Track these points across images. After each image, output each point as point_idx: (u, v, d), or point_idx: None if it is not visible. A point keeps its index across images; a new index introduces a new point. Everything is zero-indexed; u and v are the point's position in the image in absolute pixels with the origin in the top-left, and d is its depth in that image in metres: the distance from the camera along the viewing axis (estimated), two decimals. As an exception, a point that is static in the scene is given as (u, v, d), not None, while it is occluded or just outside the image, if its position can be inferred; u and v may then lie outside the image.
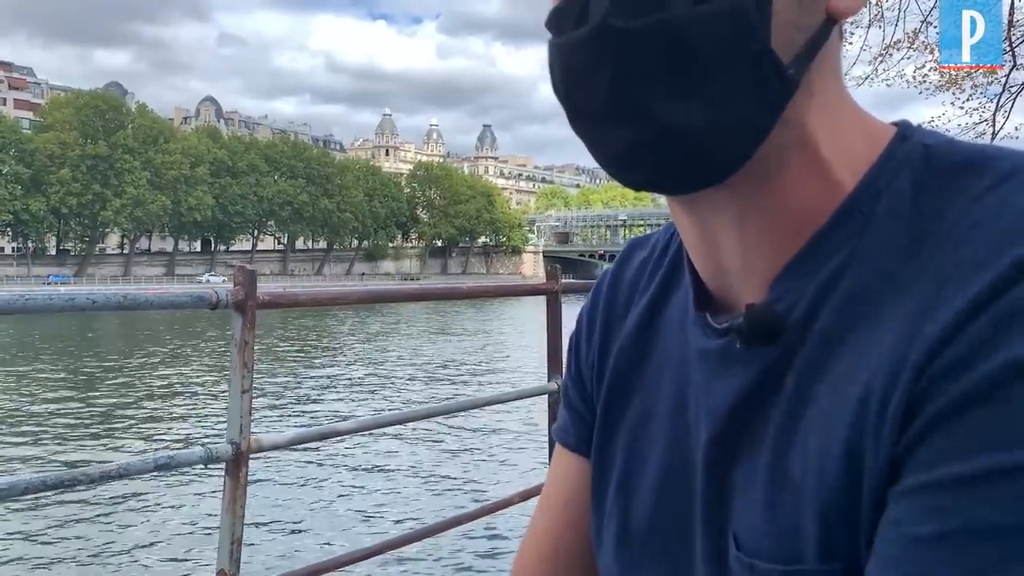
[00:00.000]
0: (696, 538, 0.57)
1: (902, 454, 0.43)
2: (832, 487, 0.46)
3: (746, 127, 0.49)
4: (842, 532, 0.46)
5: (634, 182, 0.52)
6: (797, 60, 0.49)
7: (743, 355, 0.54)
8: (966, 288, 0.43)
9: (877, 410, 0.45)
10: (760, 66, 0.47)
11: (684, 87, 0.47)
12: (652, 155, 0.50)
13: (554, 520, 0.74)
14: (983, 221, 0.45)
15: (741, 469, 0.54)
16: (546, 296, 3.48)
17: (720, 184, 0.51)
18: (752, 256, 0.54)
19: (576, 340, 0.75)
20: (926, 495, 0.41)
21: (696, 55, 0.47)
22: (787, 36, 0.48)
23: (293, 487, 11.71)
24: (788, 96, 0.49)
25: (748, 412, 0.54)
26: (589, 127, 0.52)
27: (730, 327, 0.55)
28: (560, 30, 0.52)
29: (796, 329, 0.51)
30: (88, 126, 75.96)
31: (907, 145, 0.52)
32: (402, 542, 3.02)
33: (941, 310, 0.43)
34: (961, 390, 0.41)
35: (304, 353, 30.96)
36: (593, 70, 0.49)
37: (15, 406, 19.26)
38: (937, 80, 9.65)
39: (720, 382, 0.56)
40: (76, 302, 2.00)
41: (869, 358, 0.46)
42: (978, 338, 0.41)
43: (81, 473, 2.07)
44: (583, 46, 0.49)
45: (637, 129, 0.49)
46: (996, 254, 0.43)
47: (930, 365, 0.43)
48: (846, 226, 0.51)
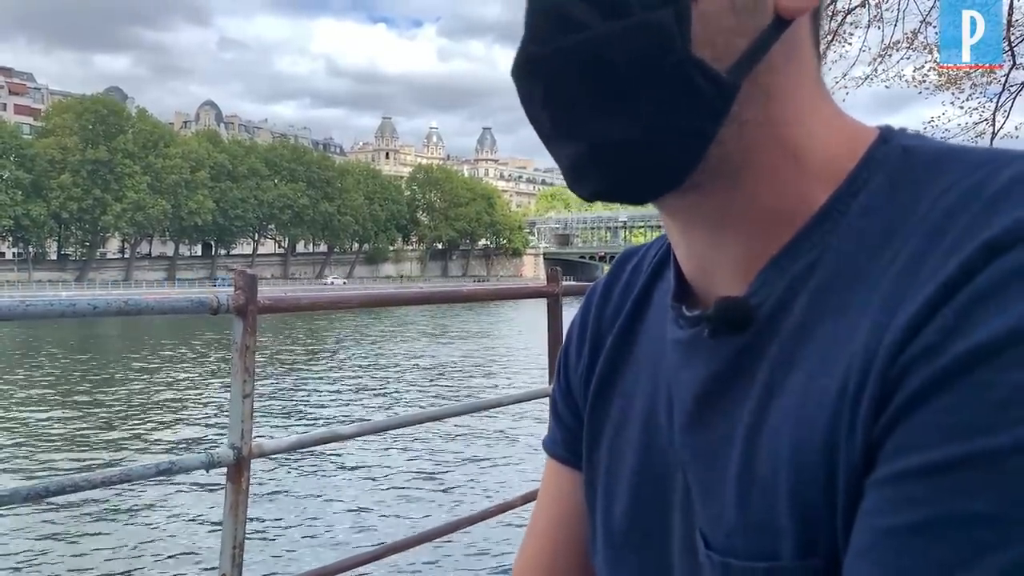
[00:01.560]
0: (674, 533, 0.58)
1: (875, 444, 0.43)
2: (808, 481, 0.46)
3: (686, 135, 0.49)
4: (820, 527, 0.46)
5: (584, 193, 0.54)
6: (737, 65, 0.49)
7: (710, 344, 0.55)
8: (936, 274, 0.43)
9: (851, 400, 0.44)
10: (685, 75, 0.48)
11: (610, 103, 0.48)
12: (595, 168, 0.51)
13: (547, 537, 0.74)
14: (953, 210, 0.45)
15: (708, 462, 0.54)
16: (547, 299, 3.49)
17: (682, 188, 0.51)
18: (730, 255, 0.55)
19: (565, 351, 0.75)
20: (897, 485, 0.41)
21: (616, 71, 0.48)
22: (723, 42, 0.48)
23: (295, 491, 11.71)
24: (728, 101, 0.49)
25: (714, 402, 0.54)
26: (544, 144, 0.54)
27: (700, 316, 0.56)
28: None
29: (766, 321, 0.52)
30: (89, 131, 75.97)
31: (887, 147, 0.53)
32: (404, 546, 3.01)
33: (912, 297, 0.43)
34: (929, 376, 0.40)
35: (305, 357, 30.96)
36: (528, 95, 0.52)
37: (16, 412, 19.26)
38: (936, 80, 9.66)
39: (687, 371, 0.57)
40: (78, 308, 2.00)
41: (841, 350, 0.46)
42: (947, 323, 0.41)
43: (83, 479, 2.07)
44: (516, 75, 0.52)
45: (575, 146, 0.51)
46: (967, 240, 0.43)
47: (901, 353, 0.42)
48: (823, 225, 0.51)
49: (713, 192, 0.52)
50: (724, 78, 0.48)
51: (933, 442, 0.40)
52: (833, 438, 0.45)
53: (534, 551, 0.74)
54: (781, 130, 0.52)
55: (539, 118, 0.52)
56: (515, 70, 0.52)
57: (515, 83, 0.53)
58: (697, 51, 0.47)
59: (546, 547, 0.73)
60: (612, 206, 75.90)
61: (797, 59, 0.52)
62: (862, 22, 9.43)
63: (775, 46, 0.50)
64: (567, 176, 0.53)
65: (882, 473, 0.42)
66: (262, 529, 9.70)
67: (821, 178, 0.52)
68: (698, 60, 0.48)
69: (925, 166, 0.50)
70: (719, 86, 0.48)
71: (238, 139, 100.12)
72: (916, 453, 0.40)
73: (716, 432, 0.54)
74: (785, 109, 0.52)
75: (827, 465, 0.45)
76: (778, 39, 0.50)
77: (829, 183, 0.52)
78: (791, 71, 0.52)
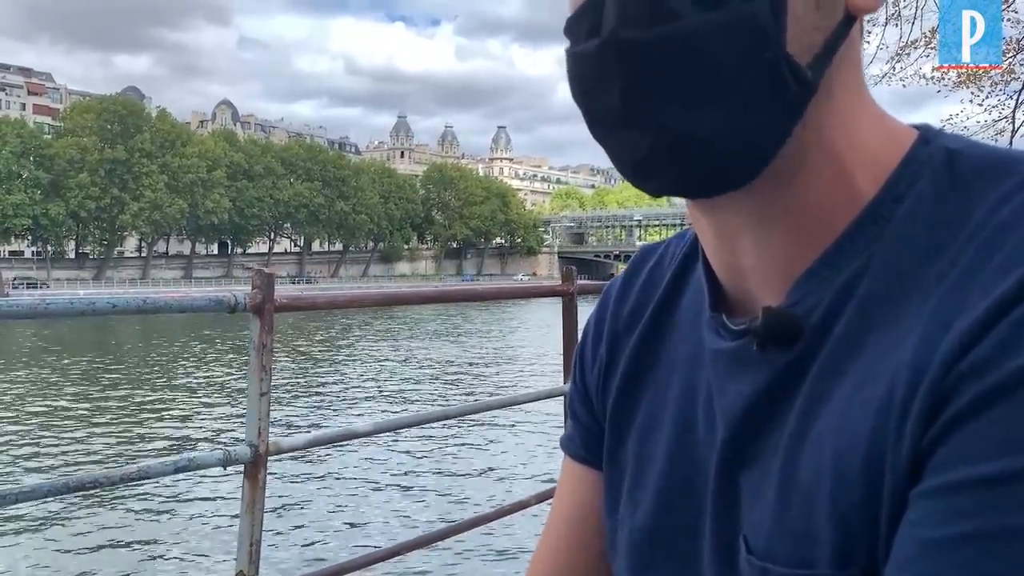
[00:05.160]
0: (705, 539, 0.57)
1: (923, 455, 0.42)
2: (851, 491, 0.45)
3: (765, 132, 0.48)
4: (860, 538, 0.45)
5: (652, 189, 0.52)
6: (816, 61, 0.48)
7: (759, 357, 0.53)
8: (994, 289, 0.42)
9: (899, 411, 0.44)
10: (777, 71, 0.47)
11: (698, 96, 0.47)
12: (669, 163, 0.49)
13: (564, 537, 0.73)
14: (1011, 223, 0.44)
15: (753, 472, 0.53)
16: (561, 298, 3.49)
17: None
18: (770, 258, 0.54)
19: (582, 351, 0.74)
20: (945, 497, 0.40)
21: (709, 64, 0.46)
22: (805, 38, 0.48)
23: (311, 489, 11.77)
24: (807, 99, 0.48)
25: (762, 415, 0.53)
26: (605, 134, 0.52)
27: (747, 328, 0.54)
28: (575, 39, 0.52)
29: (814, 333, 0.51)
30: (107, 131, 76.71)
31: (929, 148, 0.52)
32: (420, 543, 3.02)
33: (968, 310, 0.42)
34: (983, 389, 0.40)
35: (321, 355, 31.09)
36: (606, 81, 0.49)
37: (35, 410, 19.45)
38: (956, 77, 9.57)
39: (734, 384, 0.55)
40: (97, 306, 2.01)
41: (890, 360, 0.45)
42: (1004, 337, 0.40)
43: (103, 475, 2.10)
44: (595, 57, 0.49)
45: (652, 138, 0.49)
46: (1023, 255, 0.42)
47: (956, 364, 0.41)
48: (867, 231, 0.50)
49: (761, 193, 0.51)
50: (808, 75, 0.48)
51: (985, 455, 0.39)
52: (878, 448, 0.44)
53: (551, 549, 0.74)
54: (835, 130, 0.51)
55: (610, 107, 0.49)
56: (596, 54, 0.49)
57: (585, 68, 0.50)
58: (789, 47, 0.47)
59: (563, 545, 0.73)
60: (626, 204, 74.93)
61: (851, 57, 0.52)
62: (879, 20, 9.36)
63: (842, 44, 0.50)
64: (633, 170, 0.51)
65: (930, 484, 0.41)
66: (279, 526, 9.76)
67: (864, 179, 0.51)
68: (789, 57, 0.47)
69: (976, 173, 0.49)
70: (802, 83, 0.47)
71: (254, 138, 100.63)
72: (967, 465, 0.39)
73: (766, 442, 0.53)
74: (840, 108, 0.51)
75: (870, 475, 0.44)
76: (846, 37, 0.50)
77: (871, 184, 0.51)
78: (846, 69, 0.51)
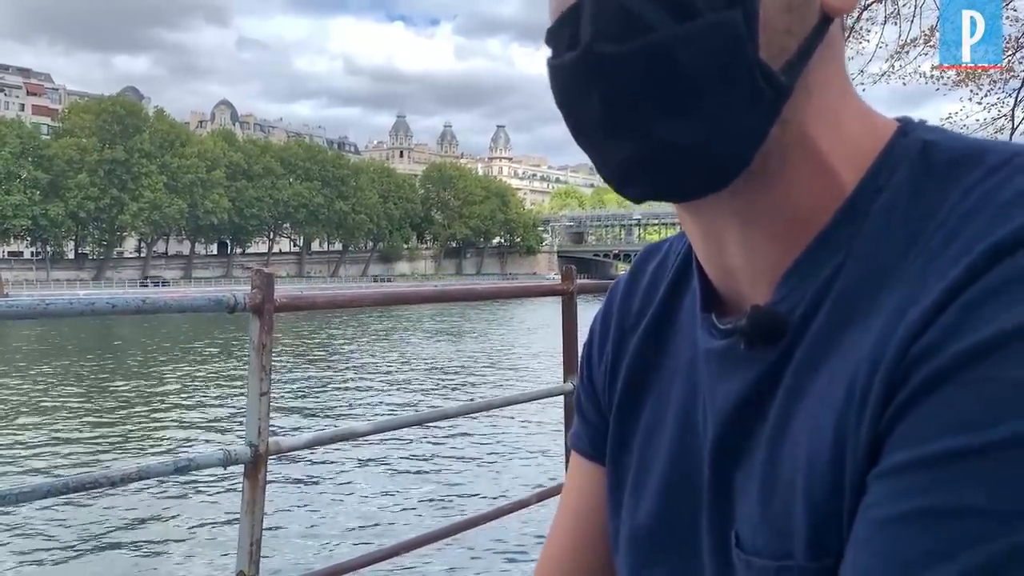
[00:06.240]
0: (703, 536, 0.58)
1: (879, 440, 0.43)
2: (819, 481, 0.47)
3: (742, 136, 0.49)
4: (830, 528, 0.46)
5: (633, 194, 0.53)
6: (789, 65, 0.49)
7: (746, 356, 0.54)
8: (945, 276, 0.43)
9: (859, 400, 0.45)
10: (751, 78, 0.47)
11: (676, 105, 0.48)
12: (650, 170, 0.50)
13: (572, 532, 0.74)
14: (972, 212, 0.46)
15: (742, 468, 0.55)
16: (561, 297, 3.49)
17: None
18: (757, 257, 0.55)
19: (588, 349, 0.75)
20: (893, 478, 0.42)
21: (685, 73, 0.47)
22: (778, 43, 0.48)
23: (312, 488, 11.77)
24: (782, 102, 0.49)
25: (750, 412, 0.54)
26: (588, 144, 0.53)
27: (734, 328, 0.55)
28: (556, 50, 0.52)
29: (796, 329, 0.52)
30: (106, 131, 76.59)
31: (906, 140, 0.52)
32: (420, 543, 3.02)
33: (922, 299, 0.44)
34: (931, 372, 0.41)
35: (321, 355, 31.08)
36: (585, 92, 0.50)
37: (34, 410, 19.45)
38: (955, 76, 9.57)
39: (724, 383, 0.56)
40: (96, 306, 2.01)
41: (857, 351, 0.47)
42: (952, 321, 0.42)
43: (102, 475, 2.09)
44: (573, 70, 0.50)
45: (632, 147, 0.50)
46: (976, 243, 0.44)
47: (909, 350, 0.43)
48: (847, 224, 0.51)
49: (744, 192, 0.52)
50: (781, 80, 0.48)
51: (930, 436, 0.40)
52: (841, 437, 0.46)
53: (559, 545, 0.74)
54: (816, 128, 0.52)
55: (590, 117, 0.51)
56: (573, 67, 0.50)
57: (565, 80, 0.51)
58: (761, 53, 0.48)
59: (570, 542, 0.74)
60: (625, 204, 74.93)
61: (832, 56, 0.52)
62: (878, 18, 9.37)
63: (818, 45, 0.50)
64: (615, 178, 0.52)
65: (882, 467, 0.43)
66: (279, 525, 9.75)
67: (847, 174, 0.52)
68: (762, 63, 0.48)
69: (949, 163, 0.49)
70: (775, 88, 0.48)
71: (253, 138, 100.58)
72: (914, 447, 0.41)
73: (753, 439, 0.54)
74: (822, 106, 0.52)
75: (835, 465, 0.46)
76: (823, 38, 0.51)
77: (852, 180, 0.52)
78: (827, 68, 0.52)
